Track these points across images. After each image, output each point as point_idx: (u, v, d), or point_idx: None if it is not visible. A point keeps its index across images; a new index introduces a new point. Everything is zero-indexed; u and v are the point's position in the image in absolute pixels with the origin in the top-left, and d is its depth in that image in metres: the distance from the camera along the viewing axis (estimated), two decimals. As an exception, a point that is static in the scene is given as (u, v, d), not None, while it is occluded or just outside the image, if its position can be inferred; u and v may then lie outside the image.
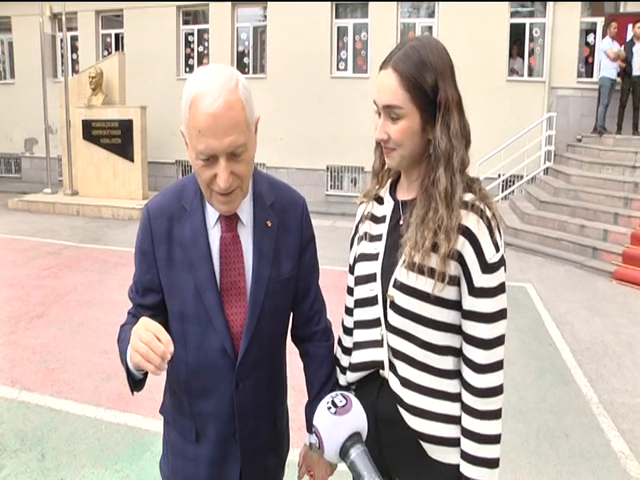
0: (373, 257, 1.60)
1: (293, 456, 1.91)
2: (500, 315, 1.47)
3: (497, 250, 1.45)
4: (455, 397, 1.52)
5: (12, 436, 3.76)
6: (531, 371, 4.94)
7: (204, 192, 1.49)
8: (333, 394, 1.23)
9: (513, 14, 12.92)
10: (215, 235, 1.56)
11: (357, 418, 1.17)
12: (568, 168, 11.15)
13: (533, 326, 5.99)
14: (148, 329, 1.29)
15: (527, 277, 7.78)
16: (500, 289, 1.47)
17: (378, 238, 1.61)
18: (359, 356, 1.65)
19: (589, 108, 12.09)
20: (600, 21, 12.36)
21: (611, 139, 11.14)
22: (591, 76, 12.57)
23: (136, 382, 1.51)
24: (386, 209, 1.63)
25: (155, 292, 1.60)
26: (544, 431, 4.01)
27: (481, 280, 1.44)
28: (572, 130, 12.33)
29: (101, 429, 3.89)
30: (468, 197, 1.46)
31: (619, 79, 11.42)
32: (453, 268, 1.45)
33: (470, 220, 1.44)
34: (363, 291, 1.62)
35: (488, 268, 1.44)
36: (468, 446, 1.47)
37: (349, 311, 1.76)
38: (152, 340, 1.26)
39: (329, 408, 1.17)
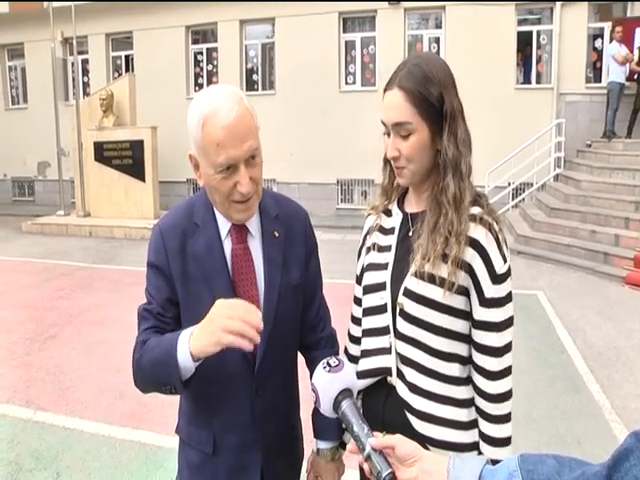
0: (382, 267, 1.63)
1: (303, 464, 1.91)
2: (508, 323, 1.51)
3: (505, 261, 1.49)
4: (462, 403, 1.55)
5: (27, 456, 3.81)
6: (543, 379, 4.92)
7: (220, 205, 1.55)
8: (328, 357, 1.35)
9: (520, 22, 12.96)
10: (227, 247, 1.61)
11: (348, 376, 1.32)
12: (578, 174, 11.13)
13: (545, 333, 5.96)
14: (235, 305, 1.35)
15: (538, 285, 7.75)
16: (508, 298, 1.51)
17: (387, 249, 1.64)
18: (367, 363, 1.67)
19: (598, 113, 12.06)
20: (607, 26, 12.37)
21: (621, 143, 11.13)
22: (599, 81, 12.56)
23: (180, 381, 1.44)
24: (394, 221, 1.67)
25: (175, 304, 1.60)
26: (556, 438, 3.99)
27: (491, 291, 1.48)
28: (581, 136, 12.29)
29: (115, 447, 3.93)
30: (476, 210, 1.50)
31: (628, 83, 11.38)
32: (462, 278, 1.48)
33: (479, 232, 1.48)
34: (372, 299, 1.65)
35: (498, 279, 1.48)
36: (487, 450, 1.51)
37: (356, 320, 1.79)
38: (247, 314, 1.32)
39: (324, 367, 1.32)
